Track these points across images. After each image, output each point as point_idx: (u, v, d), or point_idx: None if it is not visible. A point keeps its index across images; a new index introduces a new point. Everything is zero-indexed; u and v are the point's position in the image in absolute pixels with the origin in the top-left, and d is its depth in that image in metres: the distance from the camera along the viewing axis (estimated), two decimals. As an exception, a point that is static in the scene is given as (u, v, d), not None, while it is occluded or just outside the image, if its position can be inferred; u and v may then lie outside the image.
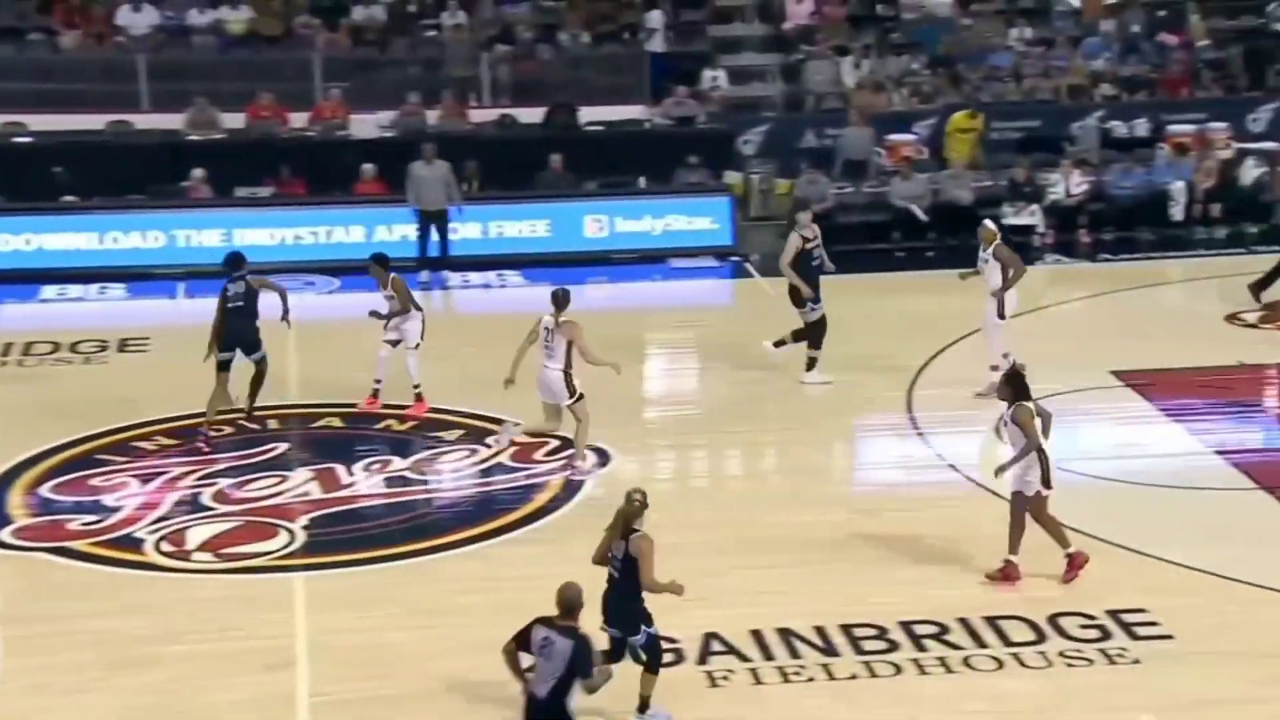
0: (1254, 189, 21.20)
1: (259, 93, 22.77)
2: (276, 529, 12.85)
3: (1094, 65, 24.13)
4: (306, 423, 15.10)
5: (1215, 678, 10.55)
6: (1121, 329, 17.38)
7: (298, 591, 11.87)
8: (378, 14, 24.70)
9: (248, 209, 21.00)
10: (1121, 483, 13.70)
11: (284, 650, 10.99)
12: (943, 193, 21.32)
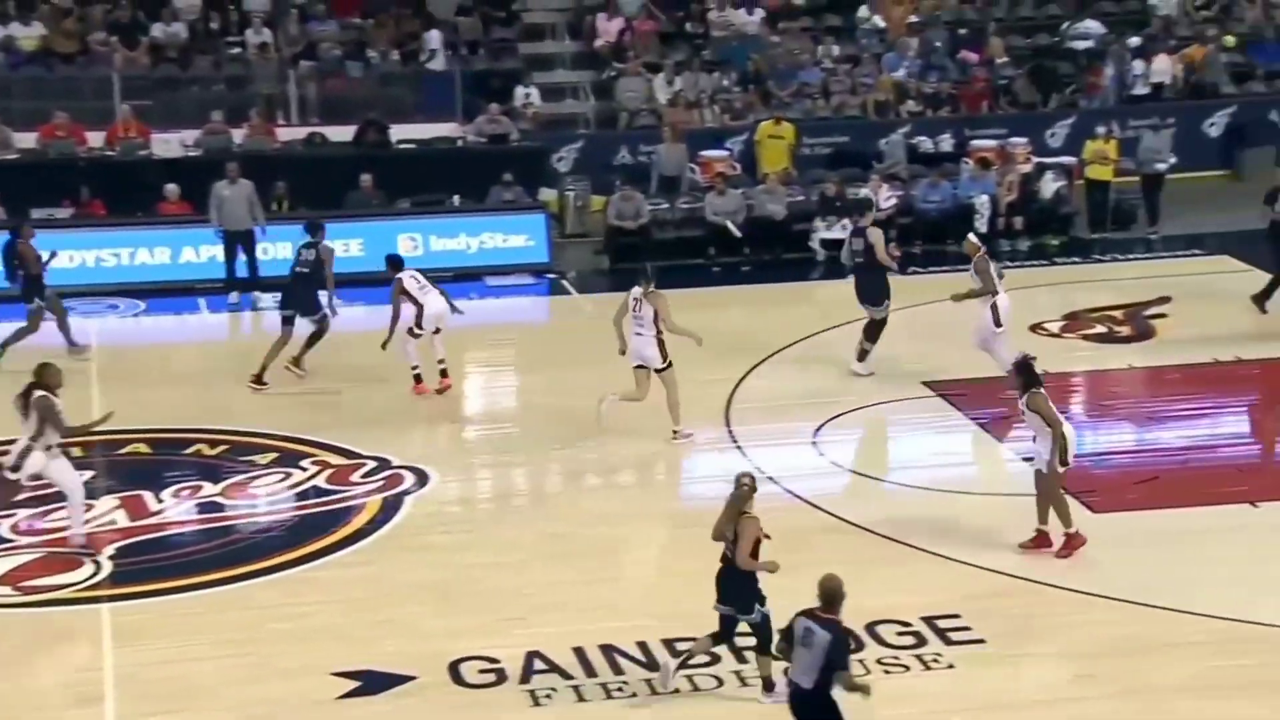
0: (1054, 202, 21.89)
1: (53, 111, 22.12)
2: (80, 559, 12.46)
3: (897, 77, 24.68)
4: (112, 449, 14.67)
5: (1027, 679, 10.82)
6: (932, 339, 17.78)
7: (105, 623, 11.52)
8: (179, 32, 24.20)
9: (46, 230, 20.31)
10: (935, 491, 14.00)
11: (92, 684, 10.65)
12: (757, 208, 21.61)
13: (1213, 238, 21.62)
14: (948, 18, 26.13)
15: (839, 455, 14.85)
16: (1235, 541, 12.72)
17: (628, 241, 21.38)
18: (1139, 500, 13.57)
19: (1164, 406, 15.92)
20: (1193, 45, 25.38)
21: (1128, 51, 25.10)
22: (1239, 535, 12.83)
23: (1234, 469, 14.28)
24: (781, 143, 22.96)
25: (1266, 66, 25.56)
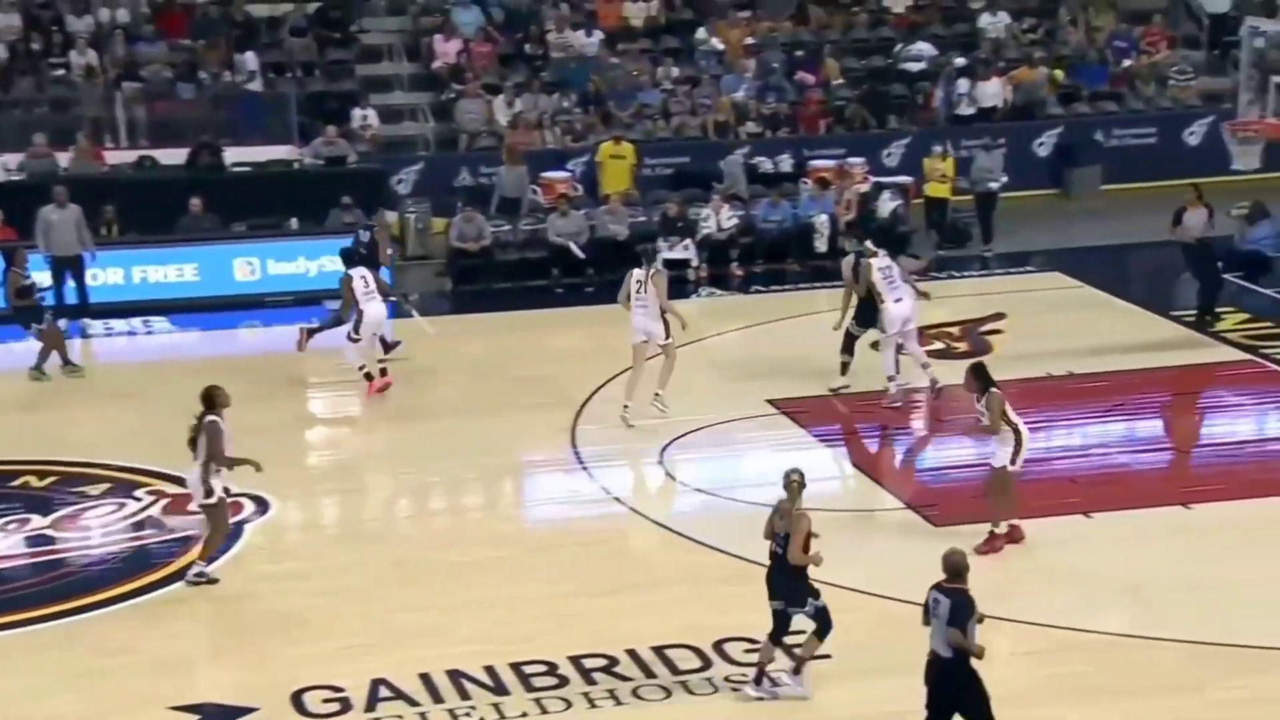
0: (891, 220, 22.30)
1: None
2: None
3: (736, 98, 24.99)
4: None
5: (871, 693, 10.98)
6: (775, 358, 18.01)
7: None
8: (-2, 53, 23.60)
9: None
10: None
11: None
12: (599, 229, 21.70)
13: (1043, 255, 22.22)
14: (784, 40, 26.53)
15: (685, 474, 14.95)
16: (1070, 551, 13.07)
17: (470, 264, 21.32)
18: (978, 513, 13.86)
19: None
20: (1021, 67, 26.11)
21: (957, 73, 25.72)
22: (1074, 545, 13.19)
23: (1068, 480, 14.69)
24: (623, 163, 23.10)
25: (1091, 88, 26.39)
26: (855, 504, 14.19)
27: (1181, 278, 20.81)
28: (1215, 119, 22.85)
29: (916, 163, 23.15)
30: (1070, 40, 27.17)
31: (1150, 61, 26.81)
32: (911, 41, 26.46)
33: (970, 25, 27.21)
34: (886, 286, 16.18)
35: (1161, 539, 13.24)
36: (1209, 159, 21.29)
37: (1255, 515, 13.59)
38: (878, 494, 14.44)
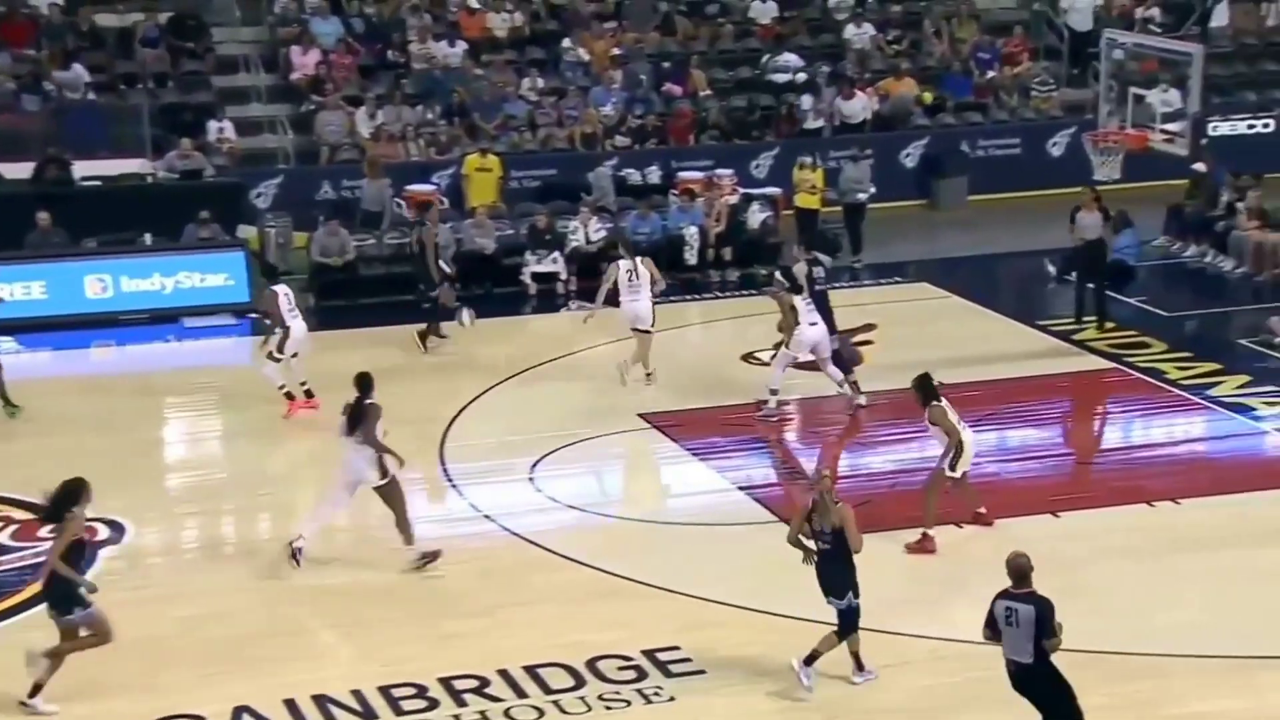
0: (760, 232, 22.50)
1: None
2: None
3: (603, 110, 25.06)
4: None
5: (744, 707, 11.03)
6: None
7: None
8: None
9: None
10: (653, 523, 14.20)
11: None
12: (466, 242, 21.60)
13: (912, 265, 22.55)
14: (650, 51, 26.65)
15: (556, 490, 14.92)
16: (943, 562, 13.26)
17: (333, 278, 21.09)
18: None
19: (873, 431, 16.51)
20: (887, 78, 26.51)
21: (824, 84, 26.04)
22: (946, 555, 13.37)
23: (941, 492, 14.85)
24: (489, 176, 23.03)
25: (955, 99, 26.86)
26: (728, 517, 14.25)
27: (1049, 287, 21.30)
28: (1077, 130, 23.36)
29: (785, 174, 23.37)
30: (934, 52, 27.65)
31: (1013, 73, 27.38)
32: (778, 53, 26.74)
33: (836, 36, 27.57)
34: (805, 308, 16.41)
35: (1031, 547, 13.44)
36: (1072, 170, 21.76)
37: (1122, 522, 13.90)
38: (750, 507, 14.51)
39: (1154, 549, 10.53)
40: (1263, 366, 17.95)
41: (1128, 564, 12.70)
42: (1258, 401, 16.80)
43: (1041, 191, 24.34)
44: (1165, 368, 17.81)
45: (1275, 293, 20.43)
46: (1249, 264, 21.43)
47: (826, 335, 16.62)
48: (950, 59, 27.49)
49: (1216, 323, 19.97)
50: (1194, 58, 16.80)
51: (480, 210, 22.04)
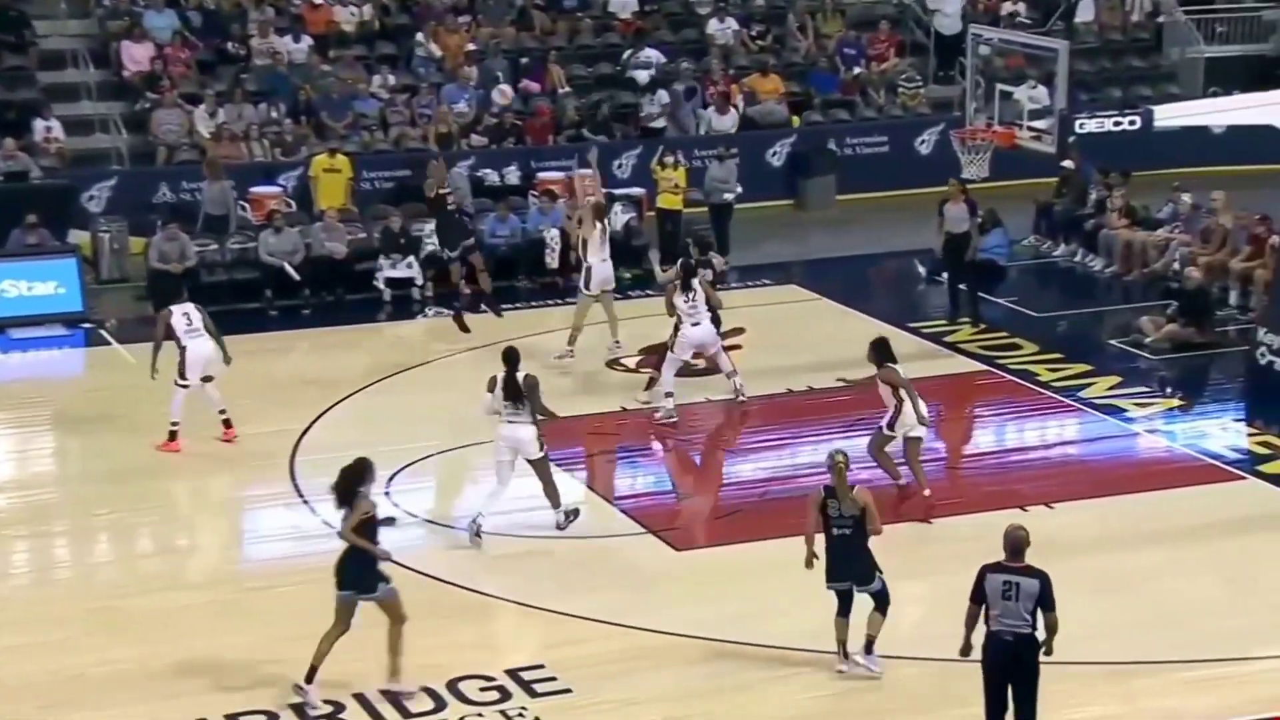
0: (624, 234, 22.52)
1: None
2: None
3: (459, 108, 24.95)
4: None
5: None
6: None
7: None
8: None
9: None
10: (516, 536, 14.15)
11: None
12: (315, 246, 21.36)
13: (780, 267, 22.74)
14: (506, 46, 26.59)
15: (414, 504, 14.80)
16: (818, 572, 13.35)
17: (173, 286, 20.68)
18: (720, 535, 14.10)
19: (743, 438, 16.61)
20: (752, 75, 26.73)
21: (689, 80, 26.19)
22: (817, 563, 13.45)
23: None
24: (338, 177, 22.79)
25: (823, 96, 27.17)
26: (594, 530, 14.25)
27: (920, 288, 21.62)
28: (945, 127, 23.75)
29: (649, 173, 23.43)
30: (800, 47, 27.94)
31: (880, 70, 27.77)
32: (639, 48, 26.84)
33: (698, 31, 27.74)
34: (687, 309, 16.65)
35: (904, 553, 13.65)
36: (940, 168, 22.07)
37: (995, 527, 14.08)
38: (617, 518, 14.53)
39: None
40: (1133, 367, 18.40)
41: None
42: (1129, 403, 17.20)
43: (911, 190, 24.70)
44: (1037, 369, 18.16)
45: (1145, 292, 20.95)
46: (1118, 263, 21.94)
47: (712, 333, 16.90)
48: (816, 55, 27.79)
49: (1087, 323, 20.42)
50: (1059, 54, 17.14)
51: (330, 213, 21.82)
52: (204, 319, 15.91)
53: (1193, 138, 22.64)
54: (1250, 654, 11.99)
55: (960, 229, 19.76)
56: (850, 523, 11.41)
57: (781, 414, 17.20)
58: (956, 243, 19.82)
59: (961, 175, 19.19)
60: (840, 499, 11.41)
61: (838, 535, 11.45)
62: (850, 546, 11.43)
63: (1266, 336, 17.42)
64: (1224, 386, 18.25)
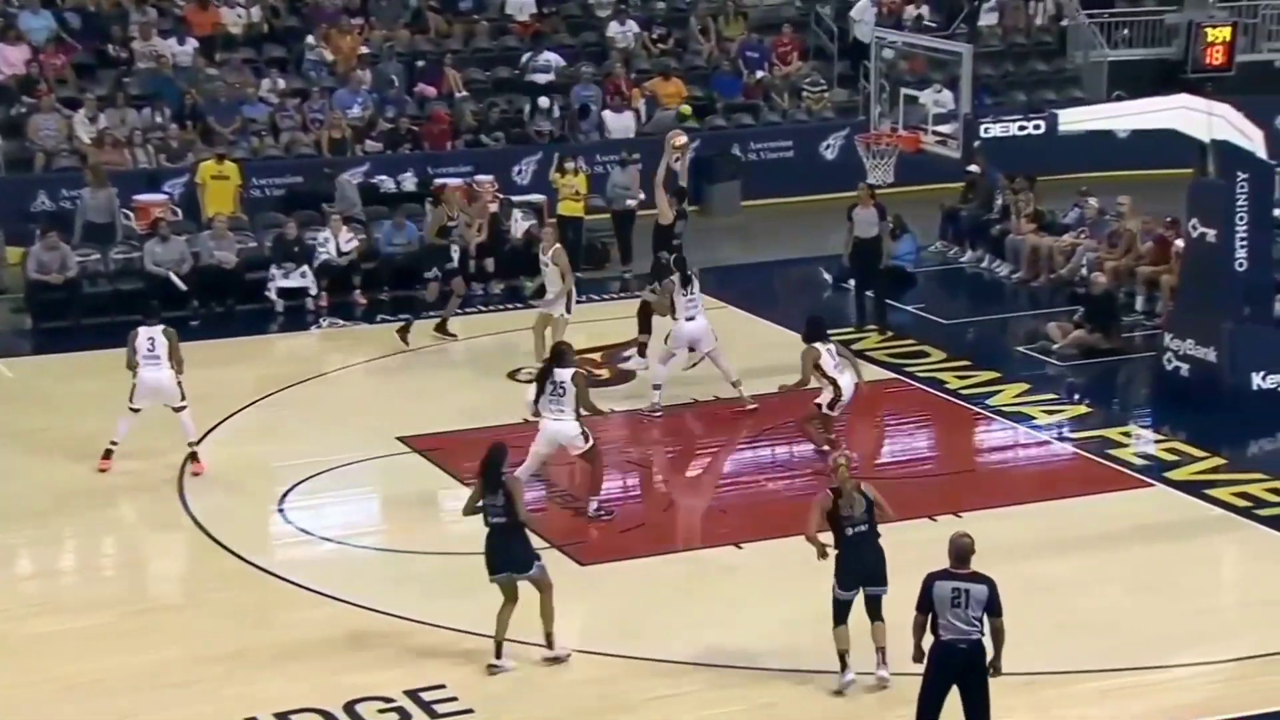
0: (525, 242, 22.51)
1: None
2: None
3: (352, 113, 24.84)
4: None
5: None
6: (406, 392, 17.94)
7: None
8: None
9: None
10: (415, 554, 14.11)
11: None
12: (204, 256, 21.17)
13: (685, 275, 22.79)
14: (401, 49, 26.52)
15: (309, 521, 14.73)
16: (723, 584, 13.46)
17: (53, 297, 20.45)
18: (626, 548, 14.14)
19: (647, 451, 16.66)
20: (654, 79, 26.85)
21: (589, 85, 26.27)
22: (726, 578, 13.58)
23: (718, 510, 15.13)
24: (226, 184, 22.61)
25: (726, 100, 27.35)
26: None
27: (826, 295, 21.81)
28: (850, 132, 24.00)
29: (549, 180, 23.44)
30: (702, 50, 28.12)
31: (784, 73, 28.00)
32: (538, 51, 26.87)
33: (598, 34, 27.83)
34: (684, 303, 17.22)
35: (811, 566, 13.77)
36: (846, 173, 22.30)
37: (903, 538, 14.25)
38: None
39: (937, 564, 10.83)
40: (1041, 374, 18.68)
41: (911, 580, 13.00)
42: (1037, 410, 17.45)
43: (816, 196, 24.92)
44: (945, 377, 18.38)
45: (1052, 297, 21.27)
46: (1025, 268, 22.27)
47: (708, 330, 17.23)
48: (718, 58, 27.98)
49: (994, 330, 20.71)
50: (963, 58, 17.36)
51: (218, 221, 21.63)
52: (170, 346, 15.59)
53: (1098, 142, 22.96)
54: (1163, 662, 12.21)
55: (870, 234, 19.97)
56: (866, 520, 11.60)
57: (687, 424, 17.28)
58: (866, 249, 20.03)
59: (867, 180, 19.39)
60: (850, 501, 11.58)
61: (852, 535, 11.58)
62: (871, 543, 11.61)
63: (1173, 342, 17.76)
64: (1131, 393, 18.58)
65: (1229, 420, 16.95)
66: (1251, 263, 17.06)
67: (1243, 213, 16.94)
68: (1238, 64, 28.38)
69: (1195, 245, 17.56)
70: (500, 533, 11.96)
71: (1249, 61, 28.67)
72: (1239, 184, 16.89)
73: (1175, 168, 20.55)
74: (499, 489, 11.96)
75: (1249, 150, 16.92)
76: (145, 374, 15.53)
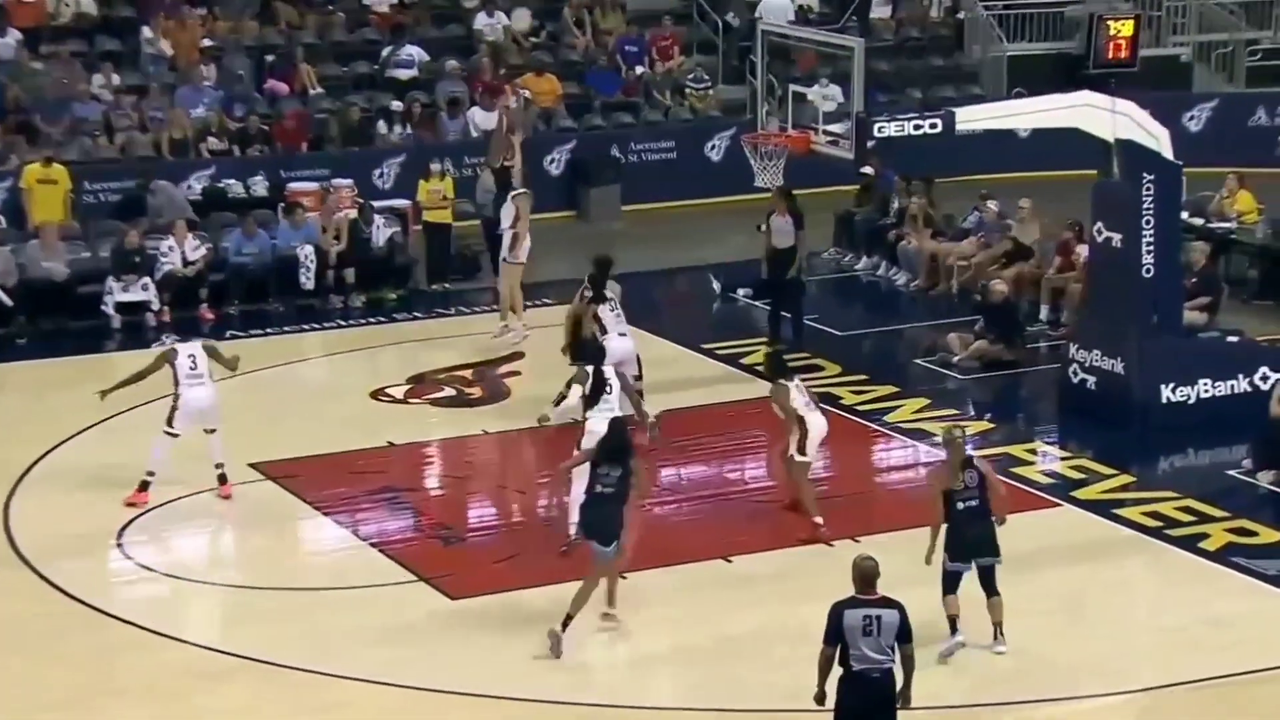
0: (387, 250, 22.43)
1: None
2: None
3: (195, 112, 24.61)
4: None
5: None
6: (258, 415, 17.75)
7: None
8: None
9: None
10: (270, 589, 13.99)
11: None
12: (31, 268, 20.86)
13: (562, 286, 22.75)
14: (249, 43, 26.31)
15: (152, 557, 14.57)
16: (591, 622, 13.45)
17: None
18: (499, 580, 14.12)
19: (523, 475, 16.65)
20: (526, 74, 26.88)
21: (455, 81, 26.24)
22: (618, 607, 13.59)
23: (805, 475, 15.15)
24: (55, 189, 22.29)
25: (604, 97, 27.42)
26: (358, 579, 14.14)
27: (715, 306, 21.95)
28: (737, 131, 24.15)
29: (413, 184, 23.38)
30: (577, 45, 28.19)
31: (665, 68, 28.15)
32: (400, 45, 26.80)
33: (465, 27, 27.82)
34: (614, 319, 17.12)
35: (702, 595, 13.85)
36: (733, 175, 22.48)
37: (799, 565, 14.38)
38: (384, 565, 14.44)
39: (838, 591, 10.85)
40: (941, 388, 18.92)
41: (809, 608, 13.13)
42: (938, 426, 17.63)
43: (702, 200, 25.06)
44: (840, 392, 18.54)
45: (951, 307, 21.53)
46: (923, 276, 22.55)
47: (633, 351, 17.16)
48: (595, 53, 28.08)
49: (892, 342, 20.95)
50: (855, 52, 17.54)
51: (46, 230, 21.33)
52: (209, 363, 15.54)
53: (998, 141, 23.36)
54: (1072, 693, 12.42)
55: (785, 244, 20.08)
56: (978, 492, 12.65)
57: (565, 445, 17.25)
58: (779, 258, 20.14)
59: (755, 183, 19.52)
60: (963, 471, 12.65)
61: (963, 509, 12.62)
62: (982, 517, 12.66)
63: (1078, 353, 18.02)
64: (1036, 407, 18.88)
65: (1138, 435, 17.28)
66: (1159, 269, 17.33)
67: (1149, 216, 17.16)
68: (1141, 58, 29.00)
69: (1101, 251, 17.85)
70: (602, 503, 12.96)
71: (1153, 56, 29.30)
72: (1145, 186, 17.14)
73: (1080, 168, 20.95)
74: (619, 462, 13.00)
75: (1154, 150, 17.23)
76: (191, 394, 15.38)
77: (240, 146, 24.56)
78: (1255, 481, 16.09)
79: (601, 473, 12.99)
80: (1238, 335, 19.04)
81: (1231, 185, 22.96)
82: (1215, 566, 14.37)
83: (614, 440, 13.21)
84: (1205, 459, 17.11)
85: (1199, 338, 18.75)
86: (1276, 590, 13.95)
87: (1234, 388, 17.62)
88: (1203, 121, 28.44)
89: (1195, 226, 21.76)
